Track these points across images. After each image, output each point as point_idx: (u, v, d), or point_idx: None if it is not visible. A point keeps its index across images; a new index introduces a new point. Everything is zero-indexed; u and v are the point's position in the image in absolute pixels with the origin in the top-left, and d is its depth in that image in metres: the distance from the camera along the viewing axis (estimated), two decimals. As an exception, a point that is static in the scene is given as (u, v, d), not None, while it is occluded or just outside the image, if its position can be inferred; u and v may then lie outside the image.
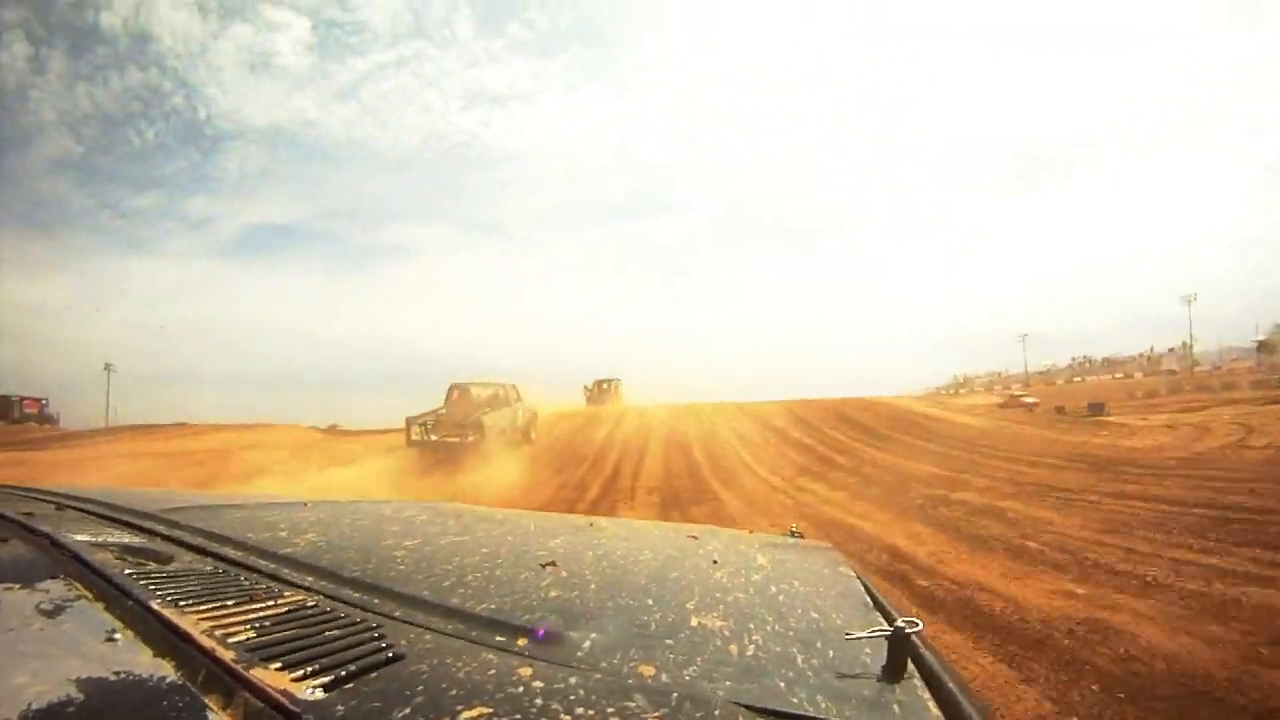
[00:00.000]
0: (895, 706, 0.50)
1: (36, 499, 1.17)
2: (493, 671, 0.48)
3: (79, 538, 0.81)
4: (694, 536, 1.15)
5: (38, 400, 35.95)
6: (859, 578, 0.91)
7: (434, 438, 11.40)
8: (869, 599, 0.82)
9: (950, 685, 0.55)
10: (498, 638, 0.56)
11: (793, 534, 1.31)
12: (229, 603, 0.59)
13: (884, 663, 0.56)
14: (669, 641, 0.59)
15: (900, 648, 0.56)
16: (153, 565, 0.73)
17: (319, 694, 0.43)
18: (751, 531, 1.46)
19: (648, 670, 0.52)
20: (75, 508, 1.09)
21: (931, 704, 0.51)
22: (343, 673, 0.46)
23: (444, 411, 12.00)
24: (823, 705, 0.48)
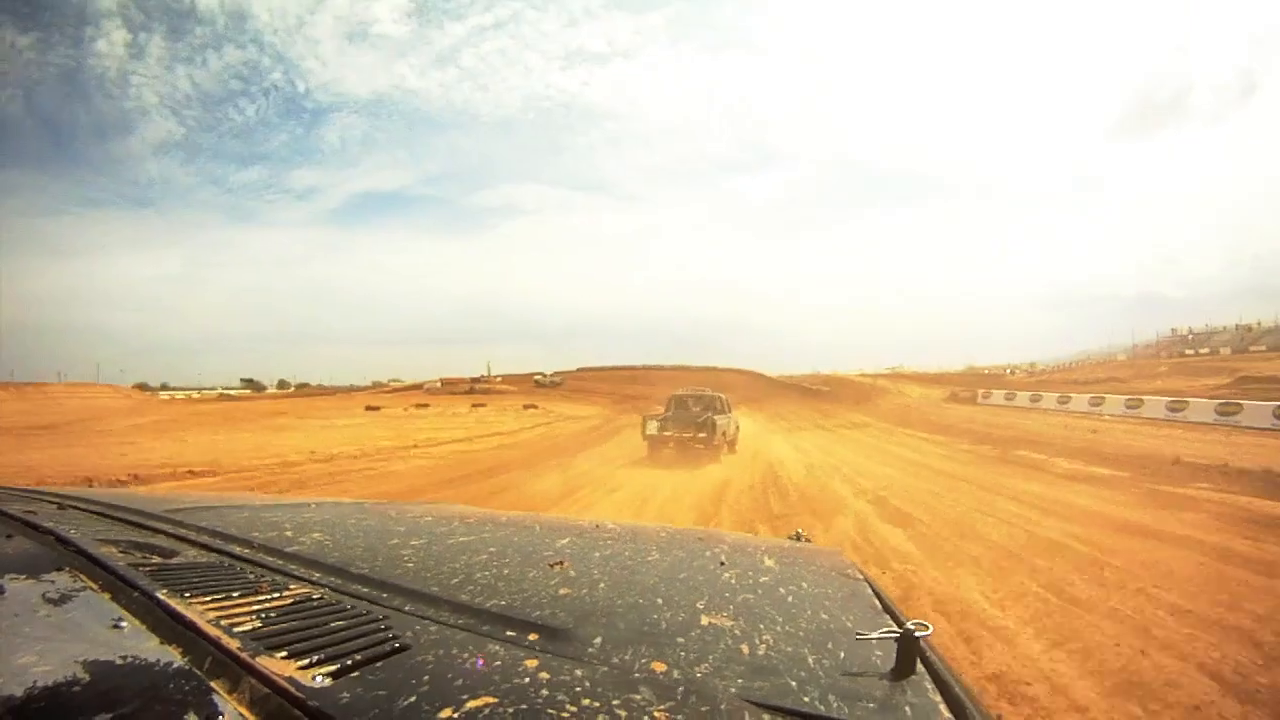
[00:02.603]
0: (906, 708, 0.49)
1: (38, 499, 1.17)
2: (499, 663, 0.48)
3: (83, 534, 0.81)
4: (700, 539, 1.14)
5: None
6: (867, 580, 0.90)
7: (669, 433, 12.55)
8: (877, 601, 0.81)
9: (959, 689, 0.55)
10: (506, 632, 0.56)
11: (798, 537, 1.30)
12: (235, 594, 0.59)
13: (894, 664, 0.55)
14: (679, 640, 0.58)
15: (910, 650, 0.55)
16: (157, 559, 0.73)
17: (325, 681, 0.43)
18: (757, 534, 1.45)
19: (659, 667, 0.51)
20: (78, 507, 1.09)
21: (942, 706, 0.50)
22: (348, 661, 0.46)
23: (670, 415, 13.28)
24: (834, 705, 0.48)
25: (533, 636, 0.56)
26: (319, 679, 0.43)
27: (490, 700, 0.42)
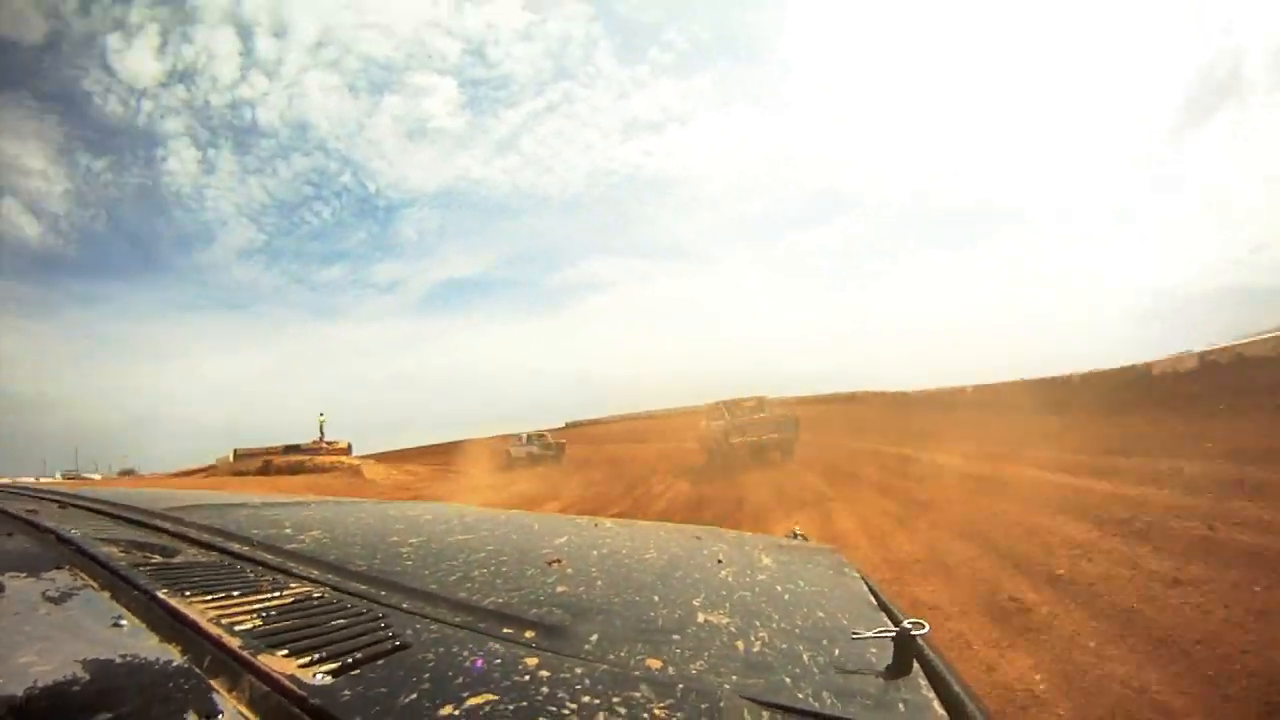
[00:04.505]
0: (900, 705, 0.50)
1: (40, 498, 1.17)
2: (499, 660, 0.48)
3: (83, 532, 0.81)
4: (697, 537, 1.15)
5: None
6: (863, 579, 0.91)
7: (750, 438, 13.17)
8: (873, 600, 0.81)
9: (955, 686, 0.55)
10: (504, 630, 0.56)
11: (795, 536, 1.30)
12: (235, 593, 0.60)
13: (889, 662, 0.56)
14: (675, 637, 0.59)
15: (906, 648, 0.56)
16: (158, 558, 0.73)
17: (325, 679, 0.43)
18: (755, 533, 1.45)
19: (655, 663, 0.51)
20: (79, 506, 1.09)
21: (936, 704, 0.51)
22: (349, 660, 0.46)
23: (731, 420, 13.76)
24: (829, 702, 0.48)
25: (531, 634, 0.56)
26: (319, 677, 0.43)
27: (491, 698, 0.42)
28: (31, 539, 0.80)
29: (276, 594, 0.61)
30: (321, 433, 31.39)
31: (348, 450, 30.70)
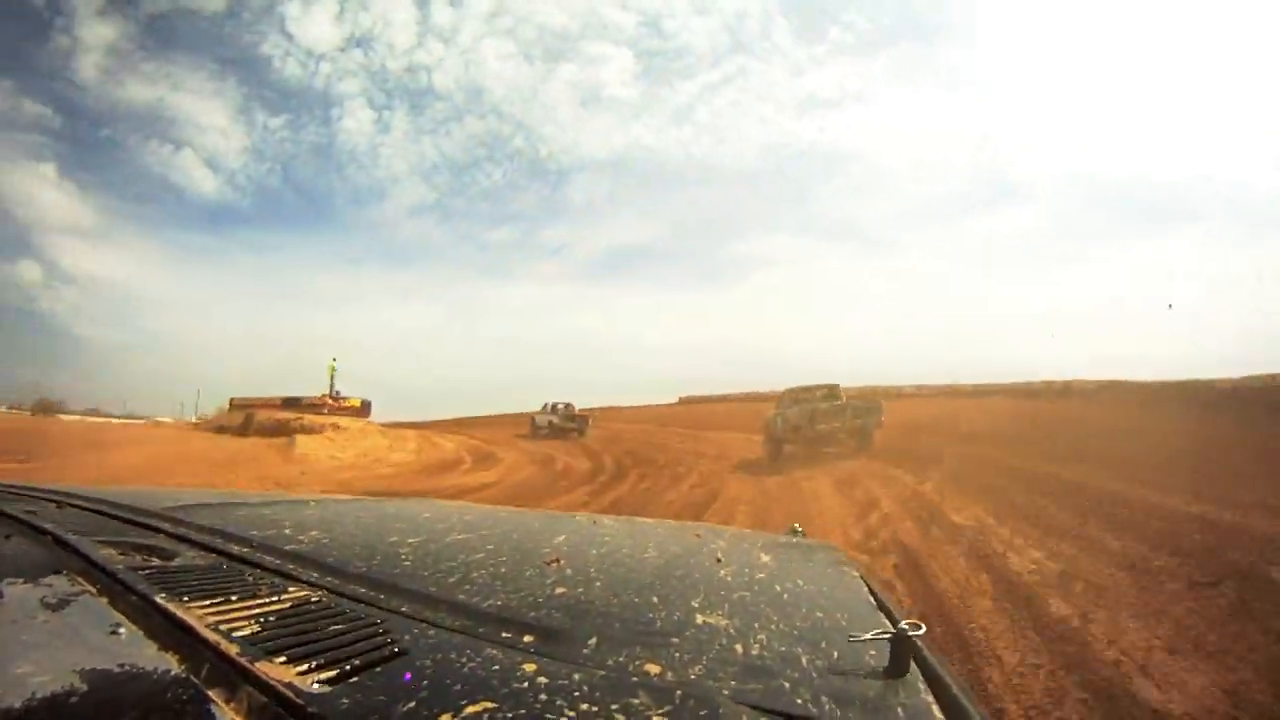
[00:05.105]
0: (899, 709, 0.49)
1: (38, 498, 1.17)
2: (497, 667, 0.48)
3: (82, 534, 0.81)
4: (697, 535, 1.15)
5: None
6: (862, 577, 0.91)
7: (821, 426, 12.57)
8: (872, 599, 0.81)
9: (954, 688, 0.55)
10: (503, 634, 0.56)
11: (795, 532, 1.31)
12: (233, 597, 0.59)
13: (887, 664, 0.56)
14: (674, 640, 0.58)
15: (903, 650, 0.56)
16: (156, 561, 0.73)
17: (324, 687, 0.43)
18: (754, 530, 1.45)
19: (653, 668, 0.51)
20: (77, 506, 1.09)
21: (935, 707, 0.51)
22: (347, 667, 0.46)
23: (804, 408, 13.08)
24: (827, 707, 0.48)
25: (530, 638, 0.56)
26: (318, 685, 0.43)
27: (489, 705, 0.42)
28: (29, 541, 0.80)
29: (275, 598, 0.61)
30: (331, 384, 25.30)
31: (361, 409, 24.63)
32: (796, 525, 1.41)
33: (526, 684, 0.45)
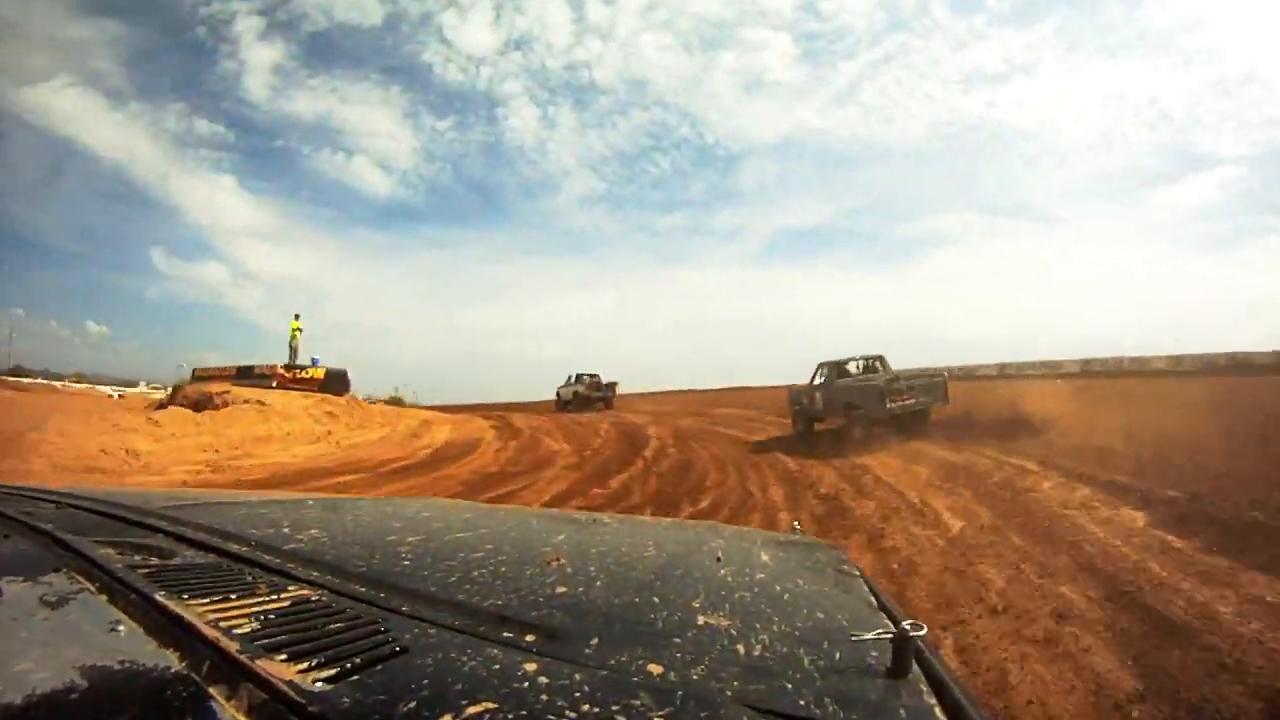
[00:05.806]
0: (901, 710, 0.49)
1: (36, 498, 1.17)
2: (498, 667, 0.48)
3: (80, 534, 0.80)
4: (698, 533, 1.15)
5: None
6: (863, 577, 0.91)
7: (893, 405, 11.69)
8: (873, 599, 0.81)
9: (955, 689, 0.55)
10: (504, 633, 0.56)
11: (795, 531, 1.30)
12: (233, 596, 0.59)
13: (889, 665, 0.55)
14: (676, 640, 0.58)
15: (905, 650, 0.55)
16: (155, 560, 0.73)
17: (323, 685, 0.43)
18: (755, 529, 1.45)
19: (655, 669, 0.51)
20: (76, 507, 1.08)
21: (937, 708, 0.51)
22: (347, 665, 0.46)
23: (866, 383, 12.26)
24: (829, 708, 0.48)
25: (530, 637, 0.55)
26: (318, 683, 0.43)
27: (490, 705, 0.41)
28: (28, 541, 0.79)
29: (274, 597, 0.61)
30: (291, 352, 18.92)
31: (327, 382, 18.17)
32: (796, 524, 1.41)
33: (528, 684, 0.45)
